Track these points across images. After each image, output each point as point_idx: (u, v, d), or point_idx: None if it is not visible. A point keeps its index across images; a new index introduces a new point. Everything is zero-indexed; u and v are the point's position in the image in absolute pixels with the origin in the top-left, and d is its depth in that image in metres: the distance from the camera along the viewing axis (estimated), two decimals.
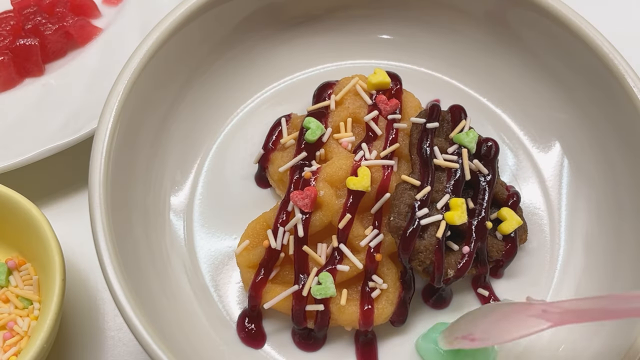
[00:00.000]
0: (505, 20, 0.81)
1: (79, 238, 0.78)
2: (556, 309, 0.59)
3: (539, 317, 0.59)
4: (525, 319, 0.60)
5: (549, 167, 0.81)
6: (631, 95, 0.72)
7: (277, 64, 0.85)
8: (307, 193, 0.69)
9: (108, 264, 0.62)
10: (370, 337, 0.72)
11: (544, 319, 0.59)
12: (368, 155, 0.73)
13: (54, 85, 0.87)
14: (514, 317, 0.62)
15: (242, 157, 0.81)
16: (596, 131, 0.78)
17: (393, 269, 0.71)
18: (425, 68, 0.86)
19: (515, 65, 0.83)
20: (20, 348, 0.70)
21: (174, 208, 0.77)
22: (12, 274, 0.74)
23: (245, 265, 0.71)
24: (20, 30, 0.89)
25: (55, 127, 0.81)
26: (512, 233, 0.74)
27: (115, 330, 0.76)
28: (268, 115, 0.82)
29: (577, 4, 0.77)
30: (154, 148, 0.76)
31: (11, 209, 0.71)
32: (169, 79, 0.77)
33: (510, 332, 0.61)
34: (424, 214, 0.68)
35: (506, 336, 0.62)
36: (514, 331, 0.61)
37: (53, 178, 0.84)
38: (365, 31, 0.86)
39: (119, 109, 0.69)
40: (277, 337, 0.72)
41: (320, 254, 0.70)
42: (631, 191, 0.74)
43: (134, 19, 0.90)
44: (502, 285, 0.75)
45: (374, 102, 0.77)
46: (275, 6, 0.82)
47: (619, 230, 0.74)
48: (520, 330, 0.60)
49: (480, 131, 0.77)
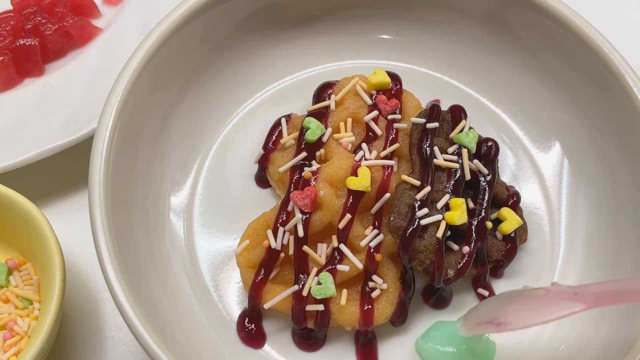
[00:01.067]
0: (505, 20, 0.81)
1: (79, 238, 0.78)
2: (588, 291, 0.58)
3: (572, 299, 0.58)
4: (557, 302, 0.59)
5: (549, 167, 0.81)
6: (631, 95, 0.72)
7: (277, 64, 0.85)
8: (307, 193, 0.69)
9: (108, 264, 0.62)
10: (370, 337, 0.72)
11: (577, 302, 0.58)
12: (368, 155, 0.73)
13: (54, 85, 0.87)
14: (544, 301, 0.60)
15: (242, 157, 0.81)
16: (596, 131, 0.78)
17: (393, 269, 0.71)
18: (425, 68, 0.86)
19: (515, 65, 0.83)
20: (20, 348, 0.70)
21: (174, 208, 0.77)
22: (12, 274, 0.74)
23: (245, 265, 0.71)
24: (20, 30, 0.89)
25: (55, 127, 0.81)
26: (512, 233, 0.74)
27: (115, 330, 0.76)
28: (268, 115, 0.82)
29: (577, 4, 0.77)
30: (154, 148, 0.76)
31: (11, 209, 0.71)
32: (169, 79, 0.77)
33: (541, 315, 0.59)
34: (424, 214, 0.68)
35: (537, 319, 0.60)
36: (546, 314, 0.59)
37: (53, 178, 0.84)
38: (365, 31, 0.86)
39: (119, 109, 0.69)
40: (277, 337, 0.72)
41: (320, 254, 0.70)
42: (631, 191, 0.74)
43: (134, 19, 0.90)
44: (502, 285, 0.75)
45: (374, 102, 0.77)
46: (275, 6, 0.82)
47: (619, 230, 0.74)
48: (552, 313, 0.59)
49: (480, 131, 0.77)
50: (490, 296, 0.74)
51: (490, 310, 0.64)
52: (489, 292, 0.74)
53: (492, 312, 0.64)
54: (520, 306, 0.62)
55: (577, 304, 0.57)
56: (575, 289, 0.59)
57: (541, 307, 0.60)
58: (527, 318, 0.61)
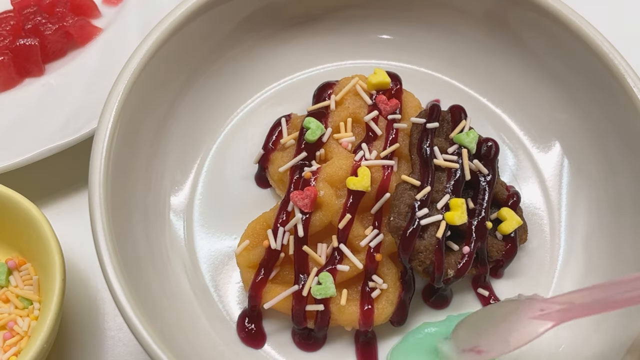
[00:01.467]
0: (505, 20, 0.81)
1: (79, 238, 0.78)
2: (554, 305, 0.58)
3: (540, 318, 0.58)
4: (527, 322, 0.59)
5: (549, 167, 0.81)
6: (631, 95, 0.72)
7: (277, 64, 0.85)
8: (307, 193, 0.69)
9: (108, 264, 0.62)
10: (370, 337, 0.72)
11: (545, 320, 0.58)
12: (368, 155, 0.73)
13: (54, 85, 0.87)
14: (514, 322, 0.60)
15: (242, 157, 0.81)
16: (596, 131, 0.78)
17: (393, 269, 0.71)
18: (425, 68, 0.86)
19: (515, 65, 0.83)
20: (20, 348, 0.70)
21: (174, 208, 0.77)
22: (12, 274, 0.74)
23: (245, 265, 0.71)
24: (20, 30, 0.89)
25: (55, 127, 0.81)
26: (512, 233, 0.74)
27: (115, 330, 0.76)
28: (268, 115, 0.82)
29: (577, 4, 0.77)
30: (154, 148, 0.76)
31: (11, 209, 0.71)
32: (169, 79, 0.77)
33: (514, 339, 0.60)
34: (424, 214, 0.68)
35: (511, 345, 0.60)
36: (518, 338, 0.59)
37: (53, 178, 0.84)
38: (365, 31, 0.86)
39: (119, 109, 0.69)
40: (277, 337, 0.72)
41: (320, 254, 0.70)
42: (631, 191, 0.74)
43: (134, 19, 0.90)
44: (502, 285, 0.75)
45: (374, 102, 0.77)
46: (275, 6, 0.82)
47: (619, 230, 0.74)
48: (523, 336, 0.59)
49: (480, 131, 0.77)
50: (490, 297, 0.74)
51: (470, 336, 0.65)
52: (489, 292, 0.74)
53: (471, 339, 0.64)
54: (492, 333, 0.62)
55: (546, 322, 0.57)
56: (542, 304, 0.59)
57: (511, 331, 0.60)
58: (500, 346, 0.61)
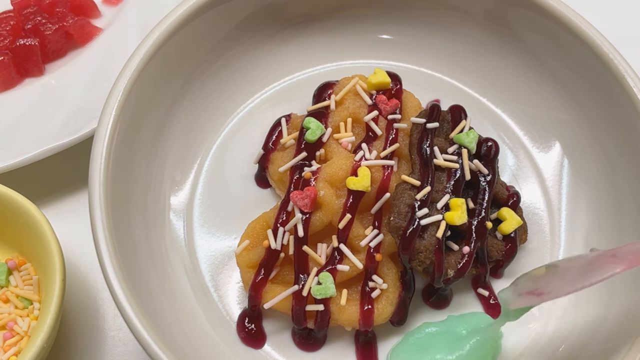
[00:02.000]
0: (505, 20, 0.81)
1: (79, 238, 0.78)
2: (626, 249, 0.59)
3: (612, 262, 0.58)
4: (597, 265, 0.59)
5: (549, 167, 0.81)
6: (631, 95, 0.72)
7: (277, 64, 0.85)
8: (307, 193, 0.69)
9: (108, 264, 0.62)
10: (370, 337, 0.72)
11: (616, 263, 0.58)
12: (368, 155, 0.73)
13: (54, 85, 0.87)
14: (583, 267, 0.61)
15: (242, 157, 0.81)
16: (596, 131, 0.78)
17: (393, 269, 0.71)
18: (425, 68, 0.86)
19: (515, 65, 0.83)
20: (20, 348, 0.70)
21: (174, 208, 0.77)
22: (12, 274, 0.74)
23: (245, 265, 0.71)
24: (20, 30, 0.90)
25: (55, 127, 0.81)
26: (512, 233, 0.74)
27: (115, 330, 0.76)
28: (268, 115, 0.82)
29: (577, 4, 0.77)
30: (154, 148, 0.76)
31: (11, 209, 0.71)
32: (169, 79, 0.77)
33: (580, 279, 0.60)
34: (424, 214, 0.68)
35: (576, 284, 0.60)
36: (585, 278, 0.59)
37: (53, 178, 0.84)
38: (366, 31, 0.86)
39: (119, 109, 0.69)
40: (277, 337, 0.72)
41: (320, 254, 0.70)
42: (631, 191, 0.74)
43: (134, 19, 0.90)
44: (502, 285, 0.75)
45: (374, 102, 0.77)
46: (275, 6, 0.82)
47: (620, 230, 0.74)
48: (591, 276, 0.59)
49: (480, 131, 0.77)
50: (490, 297, 0.74)
51: (531, 282, 0.64)
52: (489, 292, 0.74)
53: (532, 284, 0.64)
54: (558, 278, 0.62)
55: (617, 266, 0.58)
56: (612, 251, 0.60)
57: (579, 274, 0.60)
58: (564, 286, 0.61)
